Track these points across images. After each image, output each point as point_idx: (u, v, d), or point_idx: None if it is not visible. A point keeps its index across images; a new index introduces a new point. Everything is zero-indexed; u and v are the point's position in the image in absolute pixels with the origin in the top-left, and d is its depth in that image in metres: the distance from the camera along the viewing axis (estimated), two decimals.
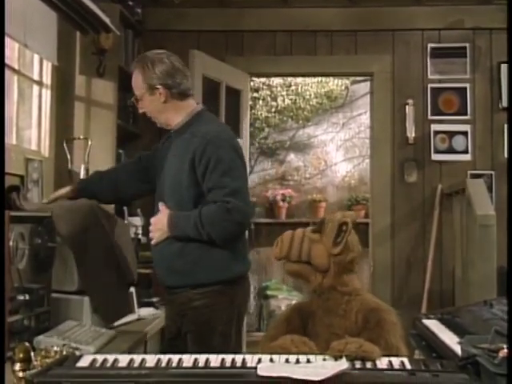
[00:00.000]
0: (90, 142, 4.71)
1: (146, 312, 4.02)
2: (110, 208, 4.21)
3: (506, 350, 1.82)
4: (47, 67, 4.66)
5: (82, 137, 4.77)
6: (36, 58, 4.55)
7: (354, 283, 2.67)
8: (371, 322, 2.44)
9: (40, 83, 4.62)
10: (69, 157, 4.67)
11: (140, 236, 4.82)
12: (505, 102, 5.79)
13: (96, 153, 4.74)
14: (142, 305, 4.06)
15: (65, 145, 4.67)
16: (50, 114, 4.69)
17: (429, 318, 3.05)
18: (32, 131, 4.56)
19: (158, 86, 3.21)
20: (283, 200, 8.19)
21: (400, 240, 5.81)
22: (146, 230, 5.00)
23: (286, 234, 2.74)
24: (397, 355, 2.13)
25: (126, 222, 4.66)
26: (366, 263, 7.51)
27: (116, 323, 3.46)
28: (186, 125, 3.28)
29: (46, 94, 4.68)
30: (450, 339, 2.50)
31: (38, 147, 4.58)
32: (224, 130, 3.35)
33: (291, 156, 8.65)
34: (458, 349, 2.13)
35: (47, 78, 4.68)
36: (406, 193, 5.86)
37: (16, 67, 4.27)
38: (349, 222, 2.63)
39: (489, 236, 4.59)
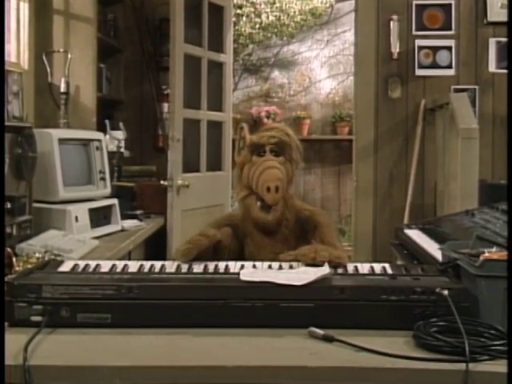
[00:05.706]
0: (69, 56, 4.66)
1: (129, 224, 4.05)
2: None
3: (487, 254, 1.83)
4: None
5: (61, 50, 4.71)
6: None
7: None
8: (309, 232, 2.39)
9: None
10: (48, 70, 4.64)
11: (123, 149, 4.80)
12: (490, 17, 5.73)
13: (76, 66, 4.72)
14: (125, 217, 4.08)
15: (44, 58, 4.63)
16: (29, 26, 4.61)
17: (410, 228, 3.08)
18: (11, 44, 4.49)
19: None
20: (267, 117, 8.14)
21: (383, 155, 5.80)
22: (128, 144, 5.02)
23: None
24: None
25: (107, 136, 4.64)
26: (349, 178, 7.57)
27: (99, 233, 3.48)
28: None
29: (24, 7, 4.59)
30: (431, 247, 2.52)
31: (17, 59, 4.52)
32: None
33: (275, 73, 8.57)
34: (438, 255, 2.15)
35: None
36: (390, 108, 5.82)
37: None
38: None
39: (471, 149, 4.59)
